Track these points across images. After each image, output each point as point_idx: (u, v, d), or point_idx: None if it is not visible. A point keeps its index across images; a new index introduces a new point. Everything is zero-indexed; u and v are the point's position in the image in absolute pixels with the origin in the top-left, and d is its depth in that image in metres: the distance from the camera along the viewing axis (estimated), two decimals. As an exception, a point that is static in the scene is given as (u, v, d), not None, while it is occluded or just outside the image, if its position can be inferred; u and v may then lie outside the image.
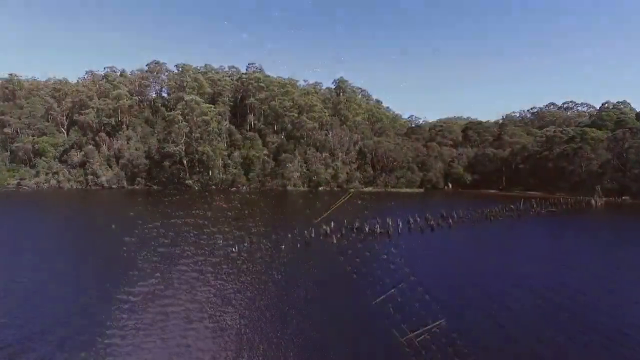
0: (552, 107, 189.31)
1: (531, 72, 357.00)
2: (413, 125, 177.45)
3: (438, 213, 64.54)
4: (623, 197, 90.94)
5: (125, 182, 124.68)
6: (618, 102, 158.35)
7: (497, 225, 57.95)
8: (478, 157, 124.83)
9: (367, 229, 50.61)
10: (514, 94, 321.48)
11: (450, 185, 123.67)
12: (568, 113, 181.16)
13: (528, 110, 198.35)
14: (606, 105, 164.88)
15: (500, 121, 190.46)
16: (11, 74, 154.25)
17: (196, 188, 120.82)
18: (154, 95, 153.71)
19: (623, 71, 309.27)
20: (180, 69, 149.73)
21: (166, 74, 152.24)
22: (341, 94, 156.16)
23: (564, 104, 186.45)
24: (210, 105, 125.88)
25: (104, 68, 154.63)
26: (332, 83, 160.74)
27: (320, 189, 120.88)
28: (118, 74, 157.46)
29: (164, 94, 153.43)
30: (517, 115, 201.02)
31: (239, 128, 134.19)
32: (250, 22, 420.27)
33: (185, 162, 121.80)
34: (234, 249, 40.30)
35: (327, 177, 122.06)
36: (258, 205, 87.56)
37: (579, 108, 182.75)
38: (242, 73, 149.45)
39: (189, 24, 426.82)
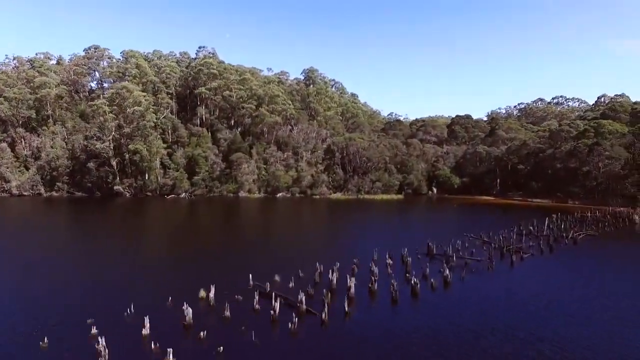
0: (540, 102, 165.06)
1: (513, 68, 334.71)
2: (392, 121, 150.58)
3: (440, 236, 37.76)
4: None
5: (42, 188, 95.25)
6: (616, 95, 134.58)
7: (527, 270, 31.38)
8: (467, 156, 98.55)
9: (333, 288, 23.34)
10: (496, 91, 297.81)
11: (435, 190, 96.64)
12: (559, 108, 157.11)
13: (515, 107, 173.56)
14: (602, 99, 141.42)
15: (485, 118, 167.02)
16: None
17: (128, 195, 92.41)
18: (93, 85, 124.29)
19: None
20: (125, 56, 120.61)
21: (107, 60, 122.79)
22: (311, 85, 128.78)
23: (553, 98, 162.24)
24: (144, 93, 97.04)
25: (36, 53, 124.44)
26: (301, 73, 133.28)
27: (278, 195, 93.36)
28: (55, 61, 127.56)
29: (106, 85, 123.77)
30: (503, 112, 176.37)
31: (186, 122, 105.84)
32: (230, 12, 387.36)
33: (114, 163, 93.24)
34: None
35: (287, 181, 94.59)
36: (181, 227, 58.71)
37: (570, 103, 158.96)
38: (192, 58, 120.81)
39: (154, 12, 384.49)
